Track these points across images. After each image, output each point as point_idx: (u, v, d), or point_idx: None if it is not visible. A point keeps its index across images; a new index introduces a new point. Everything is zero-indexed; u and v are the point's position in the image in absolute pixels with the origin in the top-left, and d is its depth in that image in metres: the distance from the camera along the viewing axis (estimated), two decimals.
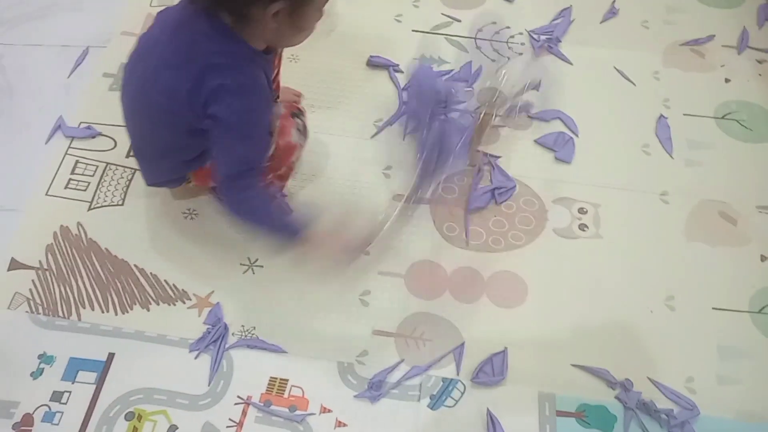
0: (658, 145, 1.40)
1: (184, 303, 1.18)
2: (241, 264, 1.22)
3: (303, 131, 1.09)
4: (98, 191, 1.30)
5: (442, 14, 1.59)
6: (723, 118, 1.45)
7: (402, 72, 1.48)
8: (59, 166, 1.33)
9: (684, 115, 1.45)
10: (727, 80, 1.51)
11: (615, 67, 1.51)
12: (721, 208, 1.32)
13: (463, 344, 1.14)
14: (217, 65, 0.92)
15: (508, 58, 1.50)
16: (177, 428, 1.06)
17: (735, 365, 1.15)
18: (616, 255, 1.26)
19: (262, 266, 1.22)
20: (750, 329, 1.19)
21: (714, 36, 1.58)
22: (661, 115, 1.44)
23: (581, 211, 1.31)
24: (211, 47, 0.92)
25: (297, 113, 1.08)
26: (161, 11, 1.02)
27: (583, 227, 1.29)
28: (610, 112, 1.45)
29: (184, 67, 0.93)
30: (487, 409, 1.08)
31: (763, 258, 1.26)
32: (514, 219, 1.29)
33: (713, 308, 1.21)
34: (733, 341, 1.17)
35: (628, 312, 1.20)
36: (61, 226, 1.26)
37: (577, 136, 1.40)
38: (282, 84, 1.30)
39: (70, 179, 1.32)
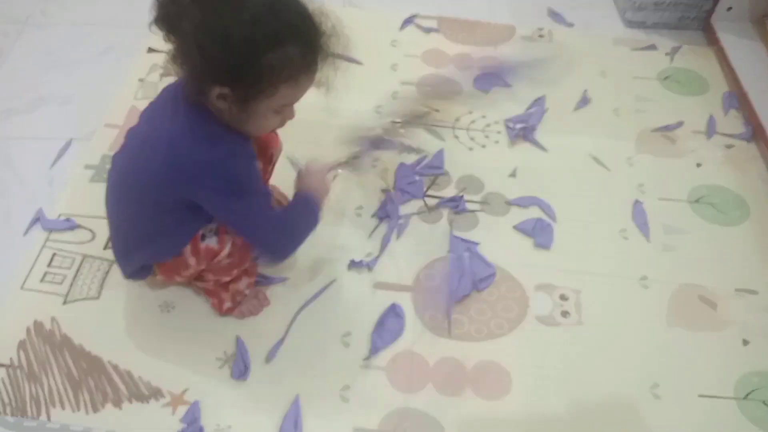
0: (636, 230, 1.42)
1: (157, 401, 1.14)
2: (216, 359, 1.19)
3: None
4: (74, 284, 1.28)
5: (422, 105, 1.64)
6: (696, 202, 1.48)
7: None
8: (36, 260, 1.32)
9: (659, 199, 1.48)
10: (698, 165, 1.55)
11: (590, 154, 1.56)
12: (700, 291, 1.33)
13: None
14: (187, 142, 0.96)
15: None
16: None
17: None
18: (598, 342, 1.25)
19: None
20: (737, 416, 1.16)
21: (683, 122, 1.64)
22: (637, 200, 1.47)
23: (562, 297, 1.31)
24: (179, 122, 0.97)
25: None
26: (146, 107, 1.06)
27: (565, 314, 1.28)
28: (587, 198, 1.47)
29: (159, 143, 0.97)
30: None
31: (745, 342, 1.26)
32: (497, 306, 1.29)
33: (699, 395, 1.19)
34: (720, 430, 1.15)
35: (613, 401, 1.17)
36: (35, 321, 1.23)
37: (555, 222, 1.42)
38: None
39: (46, 272, 1.30)
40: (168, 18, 0.89)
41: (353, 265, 1.33)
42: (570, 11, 1.93)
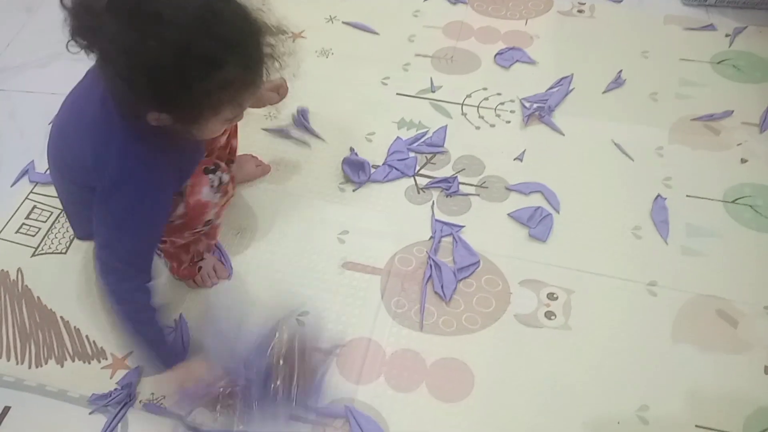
0: (652, 227, 1.23)
1: (99, 362, 1.10)
2: (167, 326, 1.14)
3: (218, 187, 1.02)
4: (46, 237, 1.27)
5: (431, 78, 1.51)
6: (733, 202, 1.26)
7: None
8: (16, 210, 1.32)
9: (687, 196, 1.28)
10: (743, 161, 1.33)
11: (613, 141, 1.37)
12: (721, 305, 1.13)
13: None
14: (113, 144, 0.88)
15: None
16: None
17: None
18: (584, 351, 1.09)
19: (189, 331, 1.13)
20: None
21: (733, 112, 1.41)
22: (659, 195, 1.27)
23: (551, 296, 1.15)
24: (112, 118, 0.87)
25: (212, 169, 1.02)
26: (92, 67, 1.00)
27: (549, 315, 1.13)
28: (599, 189, 1.30)
29: (87, 134, 0.90)
30: None
31: (767, 369, 1.06)
32: (472, 299, 1.15)
33: (697, 425, 1.00)
34: None
35: (590, 421, 1.01)
36: (2, 270, 1.23)
37: (557, 212, 1.26)
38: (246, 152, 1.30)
39: (23, 224, 1.30)
40: (84, 31, 0.78)
41: None
42: None
